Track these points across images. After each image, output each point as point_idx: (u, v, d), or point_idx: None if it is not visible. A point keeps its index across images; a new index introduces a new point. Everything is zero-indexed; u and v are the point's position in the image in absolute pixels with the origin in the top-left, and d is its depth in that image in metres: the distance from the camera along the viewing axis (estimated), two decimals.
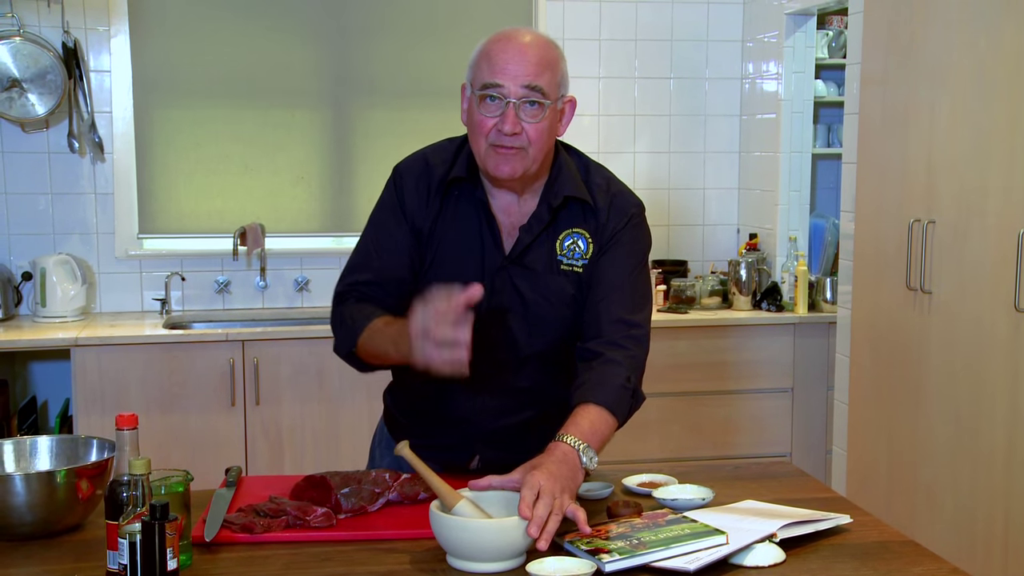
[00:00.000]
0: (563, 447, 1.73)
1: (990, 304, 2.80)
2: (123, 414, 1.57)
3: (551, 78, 1.84)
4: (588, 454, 1.74)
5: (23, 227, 4.17)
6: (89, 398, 3.71)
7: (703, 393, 4.20)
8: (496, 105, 1.83)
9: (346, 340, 1.93)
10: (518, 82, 1.81)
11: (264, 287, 4.37)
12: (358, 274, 1.99)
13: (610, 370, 1.86)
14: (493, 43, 1.86)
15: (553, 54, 1.87)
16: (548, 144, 1.89)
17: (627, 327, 1.92)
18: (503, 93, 1.82)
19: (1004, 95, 2.74)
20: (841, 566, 1.62)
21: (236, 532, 1.70)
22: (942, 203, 3.01)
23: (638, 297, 1.97)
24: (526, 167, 1.86)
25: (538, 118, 1.83)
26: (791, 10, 4.33)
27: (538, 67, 1.83)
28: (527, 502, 1.58)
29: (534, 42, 1.85)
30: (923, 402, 3.10)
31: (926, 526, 3.04)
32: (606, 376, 1.85)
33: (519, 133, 1.82)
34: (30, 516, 1.67)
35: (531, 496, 1.59)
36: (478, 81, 1.85)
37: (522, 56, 1.82)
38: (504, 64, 1.82)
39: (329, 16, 4.37)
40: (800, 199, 4.49)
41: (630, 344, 1.91)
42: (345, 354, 1.95)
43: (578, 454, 1.73)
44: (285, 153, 4.38)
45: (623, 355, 1.89)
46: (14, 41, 3.92)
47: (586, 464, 1.73)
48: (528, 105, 1.82)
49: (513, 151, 1.84)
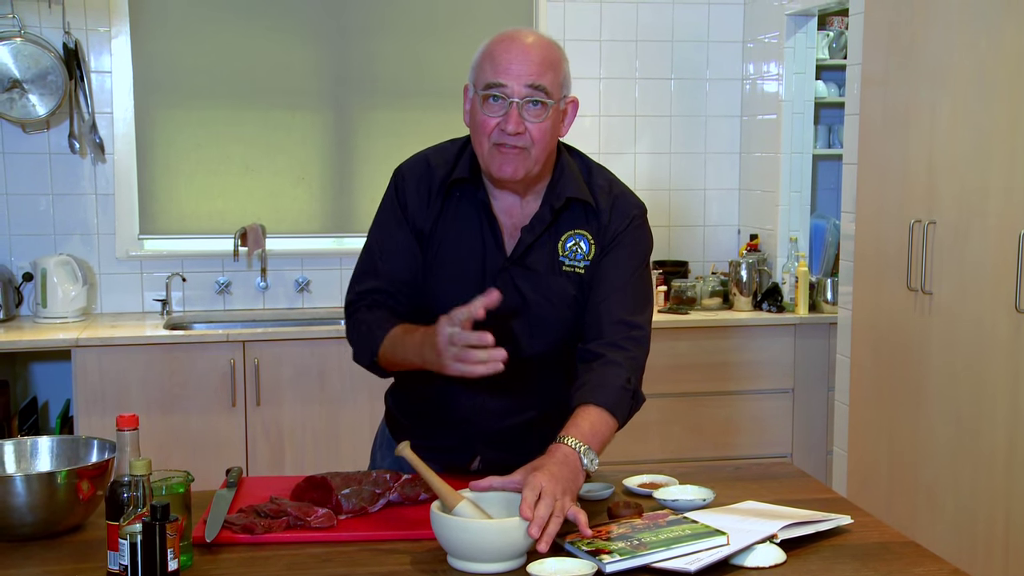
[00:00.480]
0: (564, 449, 1.73)
1: (991, 305, 2.80)
2: (124, 415, 1.57)
3: (554, 78, 1.85)
4: (589, 456, 1.74)
5: (24, 228, 4.18)
6: (90, 399, 3.71)
7: (704, 394, 4.20)
8: (499, 105, 1.83)
9: (366, 351, 1.94)
10: (521, 82, 1.82)
11: (265, 288, 4.37)
12: (366, 281, 1.99)
13: (611, 371, 1.86)
14: (496, 44, 1.86)
15: (556, 54, 1.87)
16: (551, 144, 1.89)
17: (628, 328, 1.92)
18: (506, 93, 1.82)
19: (1005, 96, 2.74)
20: (842, 567, 1.61)
21: (237, 533, 1.70)
22: (943, 204, 3.01)
23: (639, 299, 1.97)
24: (528, 167, 1.86)
25: (541, 118, 1.83)
26: (792, 11, 4.32)
27: (541, 67, 1.83)
28: (528, 503, 1.58)
29: (537, 42, 1.85)
30: (924, 403, 3.09)
31: (927, 527, 3.04)
32: (607, 377, 1.85)
33: (522, 133, 1.82)
34: (31, 517, 1.67)
35: (532, 497, 1.59)
36: (481, 81, 1.85)
37: (525, 56, 1.83)
38: (508, 64, 1.82)
39: (330, 17, 4.37)
40: (801, 200, 4.49)
41: (631, 345, 1.91)
42: (366, 364, 1.97)
43: (579, 456, 1.73)
44: (286, 154, 4.38)
45: (624, 356, 1.89)
46: (15, 42, 3.93)
47: (587, 466, 1.73)
48: (531, 105, 1.83)
49: (516, 151, 1.84)
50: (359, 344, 1.96)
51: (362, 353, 1.96)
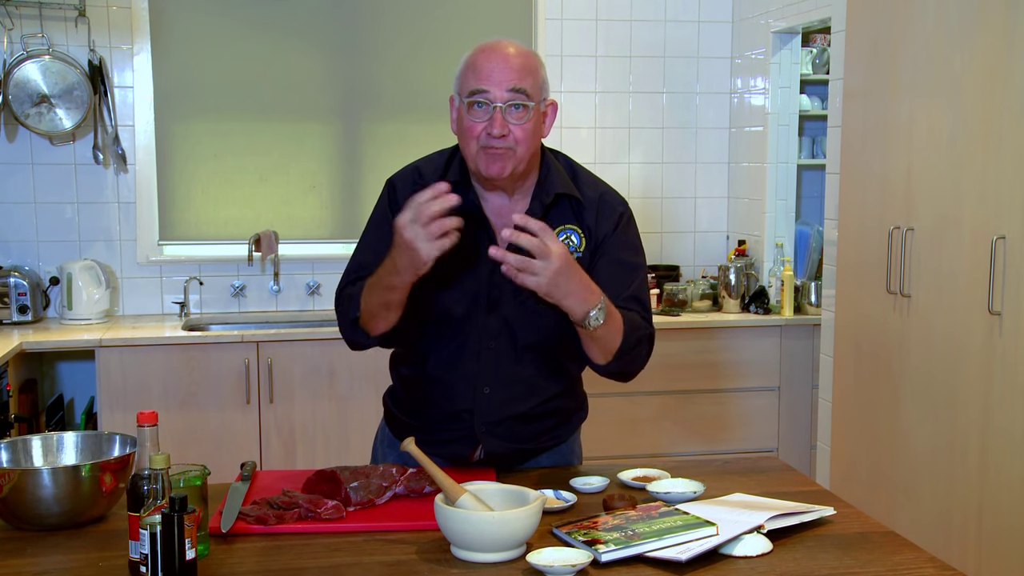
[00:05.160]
0: (594, 286, 1.78)
1: (966, 307, 2.80)
2: (144, 412, 1.57)
3: (533, 82, 1.87)
4: (599, 314, 1.78)
5: (51, 234, 4.18)
6: (112, 396, 3.71)
7: (694, 392, 4.20)
8: (484, 110, 1.84)
9: (349, 312, 1.92)
10: (503, 87, 1.83)
11: (278, 291, 4.37)
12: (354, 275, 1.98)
13: (629, 312, 1.91)
14: (477, 54, 1.88)
15: (533, 61, 1.89)
16: (534, 144, 1.90)
17: (643, 309, 1.98)
18: (489, 98, 1.84)
19: (978, 109, 2.74)
20: (825, 556, 1.61)
21: (251, 524, 1.70)
22: (920, 211, 3.01)
23: (647, 299, 2.00)
24: (515, 165, 1.87)
25: (523, 120, 1.85)
26: (777, 29, 4.33)
27: (520, 72, 1.85)
28: (530, 241, 1.68)
29: (516, 51, 1.88)
30: (902, 400, 3.09)
31: (905, 517, 3.04)
32: (625, 312, 1.90)
33: (507, 135, 1.84)
34: (57, 508, 1.67)
35: (539, 245, 1.68)
36: (465, 89, 1.86)
37: (506, 63, 1.84)
38: (489, 72, 1.84)
39: (339, 36, 4.37)
40: (786, 207, 4.49)
41: (647, 317, 1.97)
42: (350, 324, 1.93)
43: (596, 304, 1.77)
44: (298, 164, 4.39)
45: (642, 320, 1.94)
46: (44, 59, 3.93)
47: (591, 315, 1.77)
48: (514, 108, 1.84)
49: (503, 151, 1.85)
50: (343, 312, 1.95)
51: (346, 317, 1.94)
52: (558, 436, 2.09)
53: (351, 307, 1.92)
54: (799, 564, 1.58)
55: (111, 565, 1.56)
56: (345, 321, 1.96)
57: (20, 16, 4.02)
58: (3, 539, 1.67)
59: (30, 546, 1.64)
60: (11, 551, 1.62)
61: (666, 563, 1.56)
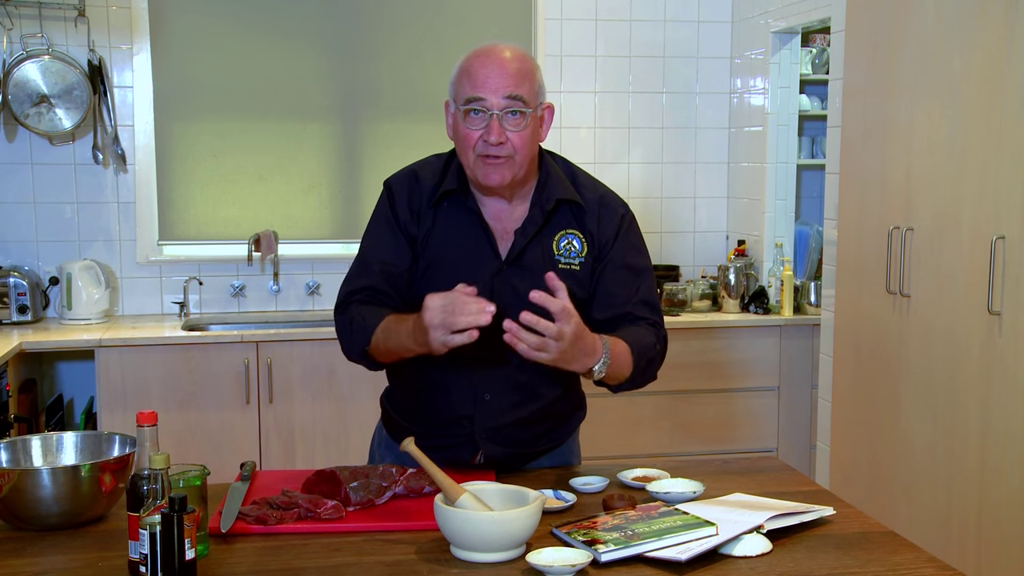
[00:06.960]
0: (598, 344, 1.78)
1: (965, 307, 2.80)
2: (144, 411, 1.57)
3: (530, 87, 1.85)
4: (602, 367, 1.79)
5: (50, 234, 4.18)
6: (112, 396, 3.71)
7: (694, 391, 4.20)
8: (480, 118, 1.83)
9: (358, 340, 1.90)
10: (499, 94, 1.82)
11: (277, 291, 4.37)
12: (359, 281, 1.97)
13: (639, 329, 1.91)
14: (472, 59, 1.85)
15: (529, 65, 1.87)
16: (532, 150, 1.89)
17: (653, 312, 1.98)
18: (486, 106, 1.82)
19: (977, 109, 2.74)
20: (824, 556, 1.61)
21: (251, 524, 1.70)
22: (920, 211, 3.01)
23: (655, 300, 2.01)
24: (514, 173, 1.86)
25: (521, 126, 1.84)
26: (777, 29, 4.33)
27: (516, 78, 1.83)
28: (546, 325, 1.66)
29: (511, 55, 1.85)
30: (902, 399, 3.09)
31: (905, 517, 3.04)
32: (635, 332, 1.90)
33: (504, 143, 1.82)
34: (56, 508, 1.67)
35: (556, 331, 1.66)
36: (461, 96, 1.85)
37: (501, 69, 1.82)
38: (485, 79, 1.82)
39: (338, 37, 4.37)
40: (786, 207, 4.49)
41: (660, 322, 1.98)
42: (358, 353, 1.92)
43: (597, 361, 1.78)
44: (297, 164, 4.39)
45: (653, 331, 1.95)
46: (43, 59, 3.93)
47: (595, 370, 1.78)
48: (511, 115, 1.83)
49: (501, 160, 1.84)
50: (352, 335, 1.92)
51: (355, 343, 1.91)
52: (558, 437, 2.08)
53: (361, 336, 1.89)
54: (799, 564, 1.58)
55: (111, 565, 1.55)
56: (352, 346, 1.93)
57: (20, 16, 4.02)
58: (3, 539, 1.67)
59: (30, 546, 1.64)
60: (11, 551, 1.62)
61: (666, 563, 1.56)
